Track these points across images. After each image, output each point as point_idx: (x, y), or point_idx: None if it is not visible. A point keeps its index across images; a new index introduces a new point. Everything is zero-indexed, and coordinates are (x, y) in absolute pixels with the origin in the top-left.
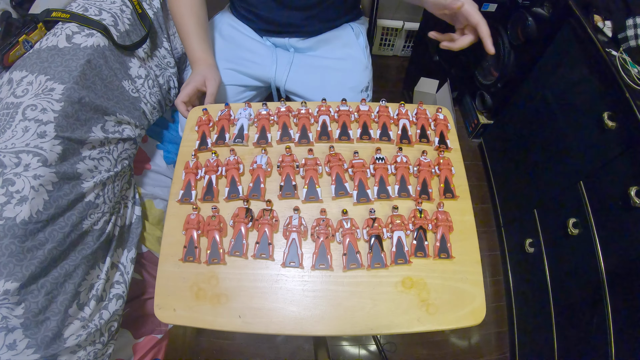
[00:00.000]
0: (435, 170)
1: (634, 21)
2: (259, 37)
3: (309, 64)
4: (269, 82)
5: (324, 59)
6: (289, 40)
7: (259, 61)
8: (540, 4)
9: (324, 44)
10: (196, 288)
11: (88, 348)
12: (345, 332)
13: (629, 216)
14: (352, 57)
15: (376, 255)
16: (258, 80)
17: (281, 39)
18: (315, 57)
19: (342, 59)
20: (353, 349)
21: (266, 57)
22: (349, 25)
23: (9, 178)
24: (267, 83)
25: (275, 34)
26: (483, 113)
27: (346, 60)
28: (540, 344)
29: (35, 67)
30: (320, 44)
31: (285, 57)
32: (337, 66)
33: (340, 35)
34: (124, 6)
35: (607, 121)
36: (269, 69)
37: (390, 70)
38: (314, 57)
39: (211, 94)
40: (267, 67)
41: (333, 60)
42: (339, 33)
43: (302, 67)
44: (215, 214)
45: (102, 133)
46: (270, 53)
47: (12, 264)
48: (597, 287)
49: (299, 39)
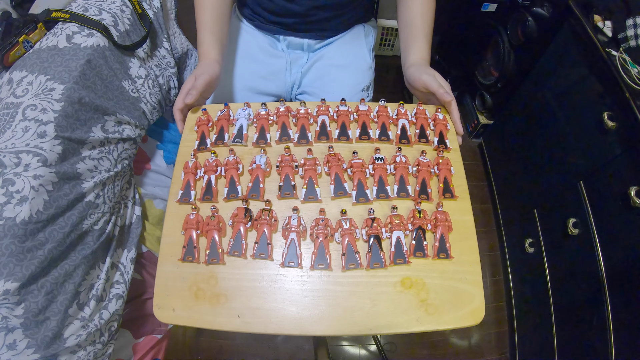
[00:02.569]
0: (435, 170)
1: (634, 21)
2: (271, 41)
3: (317, 62)
4: (282, 95)
5: (329, 56)
6: (308, 42)
7: (272, 78)
8: (540, 4)
9: (336, 44)
10: (195, 288)
11: (88, 348)
12: (344, 332)
13: (629, 216)
14: (357, 55)
15: (375, 255)
16: (272, 96)
17: (299, 40)
18: (324, 55)
19: (348, 56)
20: (353, 349)
21: (279, 72)
22: (361, 25)
23: (9, 178)
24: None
25: (293, 32)
26: (483, 113)
27: (351, 58)
28: (540, 344)
29: (35, 67)
30: (334, 44)
31: (297, 64)
32: (341, 63)
33: (350, 33)
34: (124, 6)
35: (607, 121)
36: (283, 82)
37: (390, 70)
38: (323, 56)
39: (195, 88)
40: (280, 83)
41: (339, 57)
42: (351, 32)
43: (311, 66)
44: (215, 214)
45: (102, 133)
46: (282, 64)
47: (12, 264)
48: (597, 287)
49: (317, 41)
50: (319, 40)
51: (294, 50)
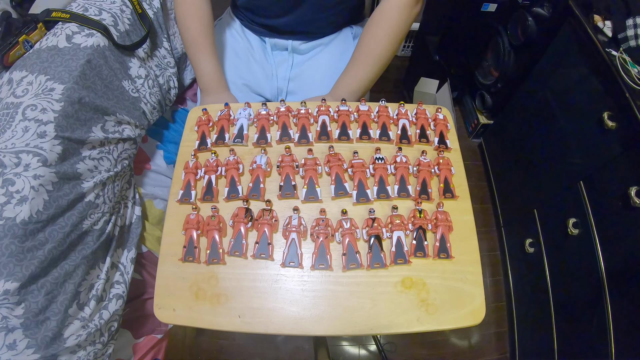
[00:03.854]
0: (435, 170)
1: (634, 21)
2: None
3: (306, 64)
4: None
5: (319, 60)
6: (292, 43)
7: (259, 80)
8: (540, 4)
9: (323, 46)
10: (196, 288)
11: (88, 348)
12: (344, 332)
13: (629, 216)
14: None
15: (376, 255)
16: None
17: (284, 41)
18: (312, 58)
19: (336, 60)
20: (353, 349)
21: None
22: (349, 27)
23: (9, 178)
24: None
25: (278, 35)
26: (483, 113)
27: (339, 62)
28: (540, 344)
29: (35, 67)
30: (320, 46)
31: (282, 67)
32: (332, 66)
33: (338, 37)
34: (124, 6)
35: (607, 121)
36: (269, 86)
37: (390, 70)
38: (310, 59)
39: None
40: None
41: (328, 60)
42: (338, 35)
43: (299, 68)
44: (215, 214)
45: (102, 133)
46: (269, 67)
47: (12, 264)
48: (597, 287)
49: (302, 42)
50: (303, 41)
51: (280, 52)
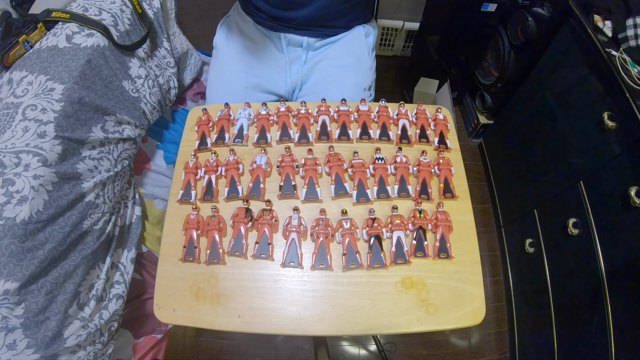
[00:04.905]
0: (435, 170)
1: (634, 21)
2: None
3: (319, 64)
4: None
5: (331, 57)
6: (307, 40)
7: (272, 76)
8: (540, 4)
9: (337, 43)
10: (196, 288)
11: (88, 348)
12: (344, 332)
13: (629, 216)
14: (359, 56)
15: (376, 255)
16: (272, 94)
17: (299, 37)
18: (324, 55)
19: (349, 57)
20: (353, 349)
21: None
22: (361, 26)
23: (9, 178)
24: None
25: (293, 30)
26: (483, 113)
27: (352, 59)
28: (540, 344)
29: (35, 67)
30: (334, 43)
31: (296, 63)
32: (342, 64)
33: (351, 34)
34: (124, 6)
35: (607, 121)
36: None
37: (390, 70)
38: (323, 56)
39: None
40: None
41: (340, 58)
42: (350, 32)
43: (313, 65)
44: (215, 214)
45: (102, 133)
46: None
47: (12, 264)
48: (597, 287)
49: (317, 40)
50: (318, 38)
51: (294, 48)
